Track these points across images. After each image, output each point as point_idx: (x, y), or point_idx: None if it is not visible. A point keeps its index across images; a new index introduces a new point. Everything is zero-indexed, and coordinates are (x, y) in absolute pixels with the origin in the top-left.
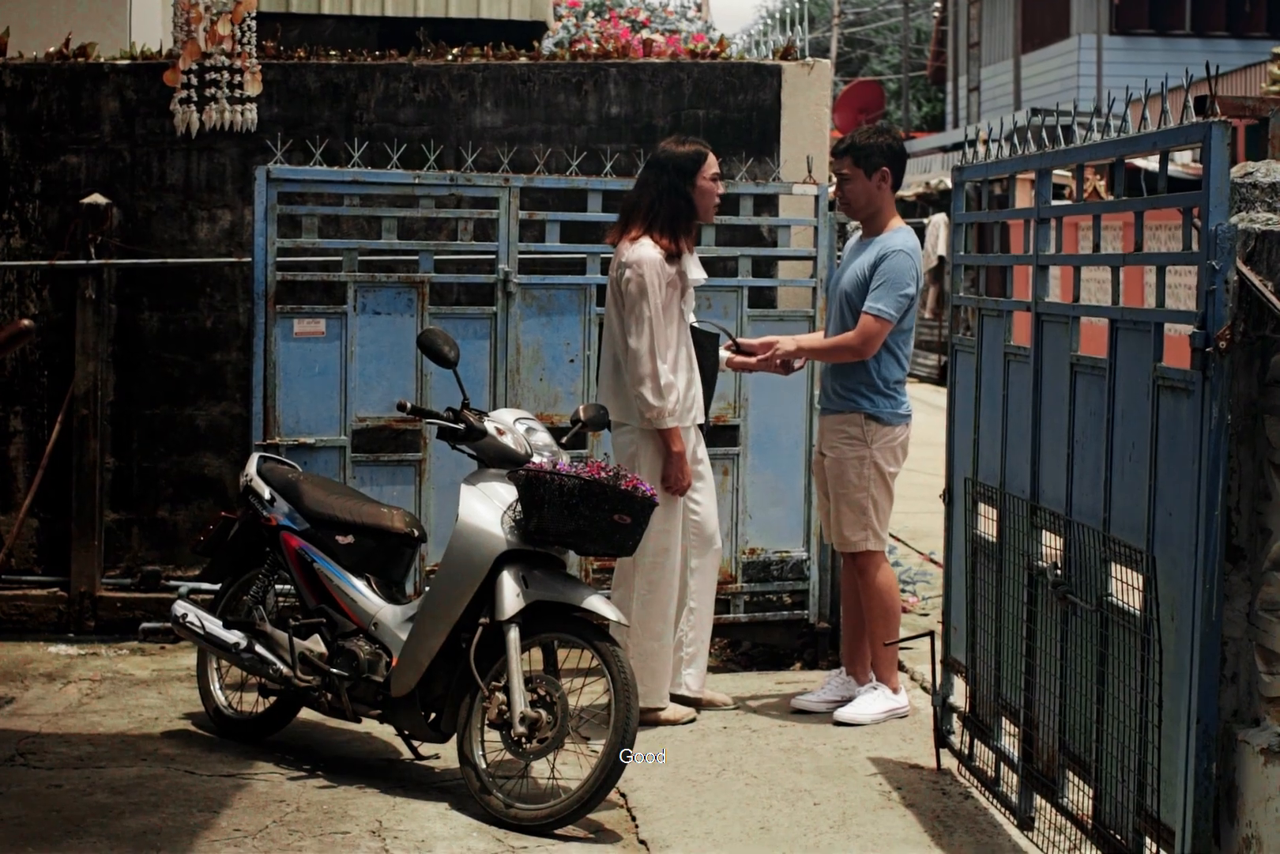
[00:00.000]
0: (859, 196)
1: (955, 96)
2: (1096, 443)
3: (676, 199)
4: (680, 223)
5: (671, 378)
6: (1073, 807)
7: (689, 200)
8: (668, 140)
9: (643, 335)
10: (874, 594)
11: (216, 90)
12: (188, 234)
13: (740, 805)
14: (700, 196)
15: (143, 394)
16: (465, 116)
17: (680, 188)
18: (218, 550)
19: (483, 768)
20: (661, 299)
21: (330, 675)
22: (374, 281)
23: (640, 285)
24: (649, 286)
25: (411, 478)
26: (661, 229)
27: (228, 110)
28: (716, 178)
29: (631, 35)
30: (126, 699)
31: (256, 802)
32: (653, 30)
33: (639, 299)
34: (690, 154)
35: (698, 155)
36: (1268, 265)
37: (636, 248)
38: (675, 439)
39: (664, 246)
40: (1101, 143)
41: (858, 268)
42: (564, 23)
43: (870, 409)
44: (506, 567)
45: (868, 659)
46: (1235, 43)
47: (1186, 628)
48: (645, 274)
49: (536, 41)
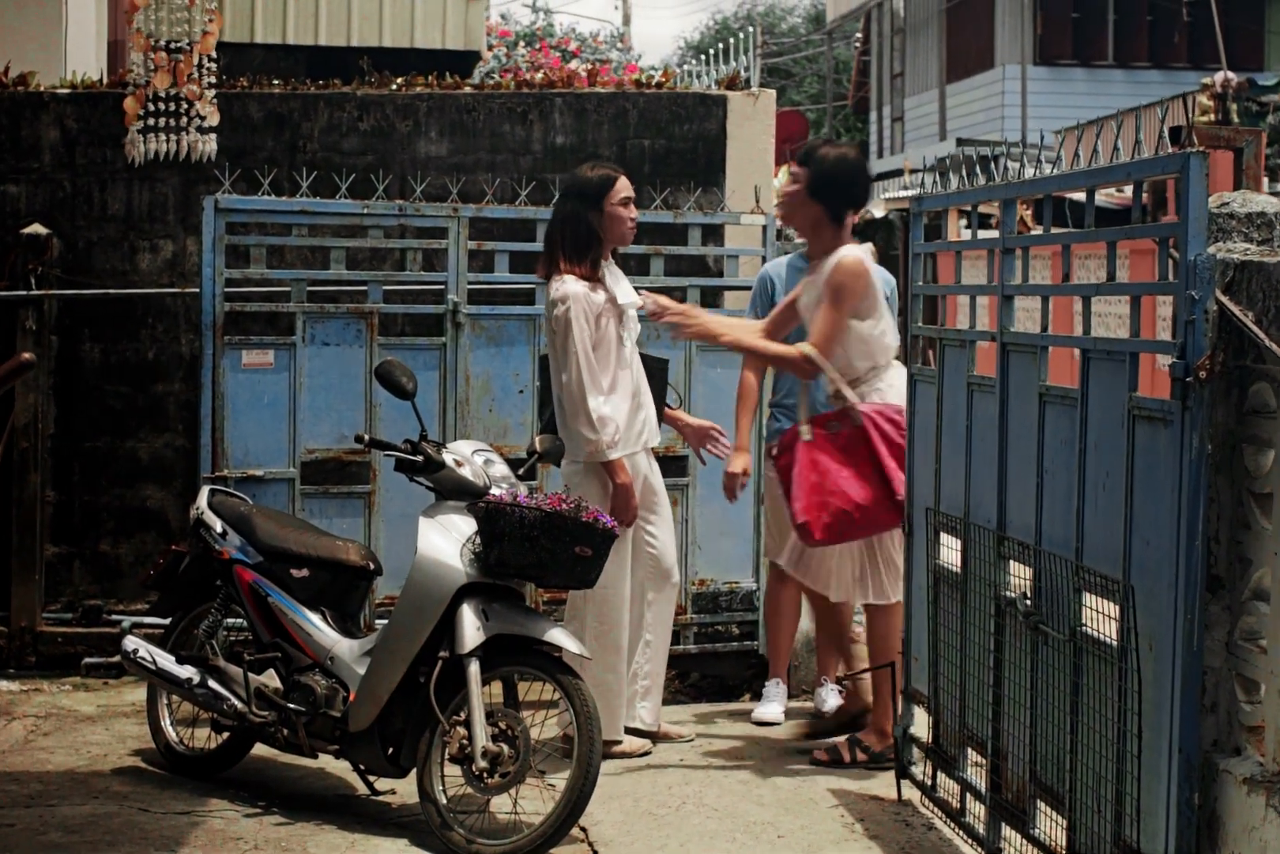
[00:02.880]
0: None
1: (880, 126)
2: (1067, 472)
3: (579, 226)
4: (585, 250)
5: (606, 411)
6: (1044, 837)
7: (589, 226)
8: (581, 167)
9: (571, 370)
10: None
11: (174, 120)
12: (129, 264)
13: (703, 839)
14: (610, 222)
15: (84, 426)
16: (410, 146)
17: (582, 214)
18: (168, 584)
19: (443, 803)
20: (591, 332)
21: (286, 711)
22: (323, 312)
23: (566, 321)
24: (573, 321)
25: (361, 510)
26: (571, 258)
27: (191, 140)
28: (627, 202)
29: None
30: (74, 736)
31: (213, 840)
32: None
33: (565, 335)
34: (595, 179)
35: (603, 180)
36: (1247, 295)
37: (561, 284)
38: (618, 471)
39: (581, 275)
40: (1073, 173)
41: None
42: (495, 53)
43: None
44: (466, 599)
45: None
46: (1158, 73)
47: (1166, 658)
48: (571, 309)
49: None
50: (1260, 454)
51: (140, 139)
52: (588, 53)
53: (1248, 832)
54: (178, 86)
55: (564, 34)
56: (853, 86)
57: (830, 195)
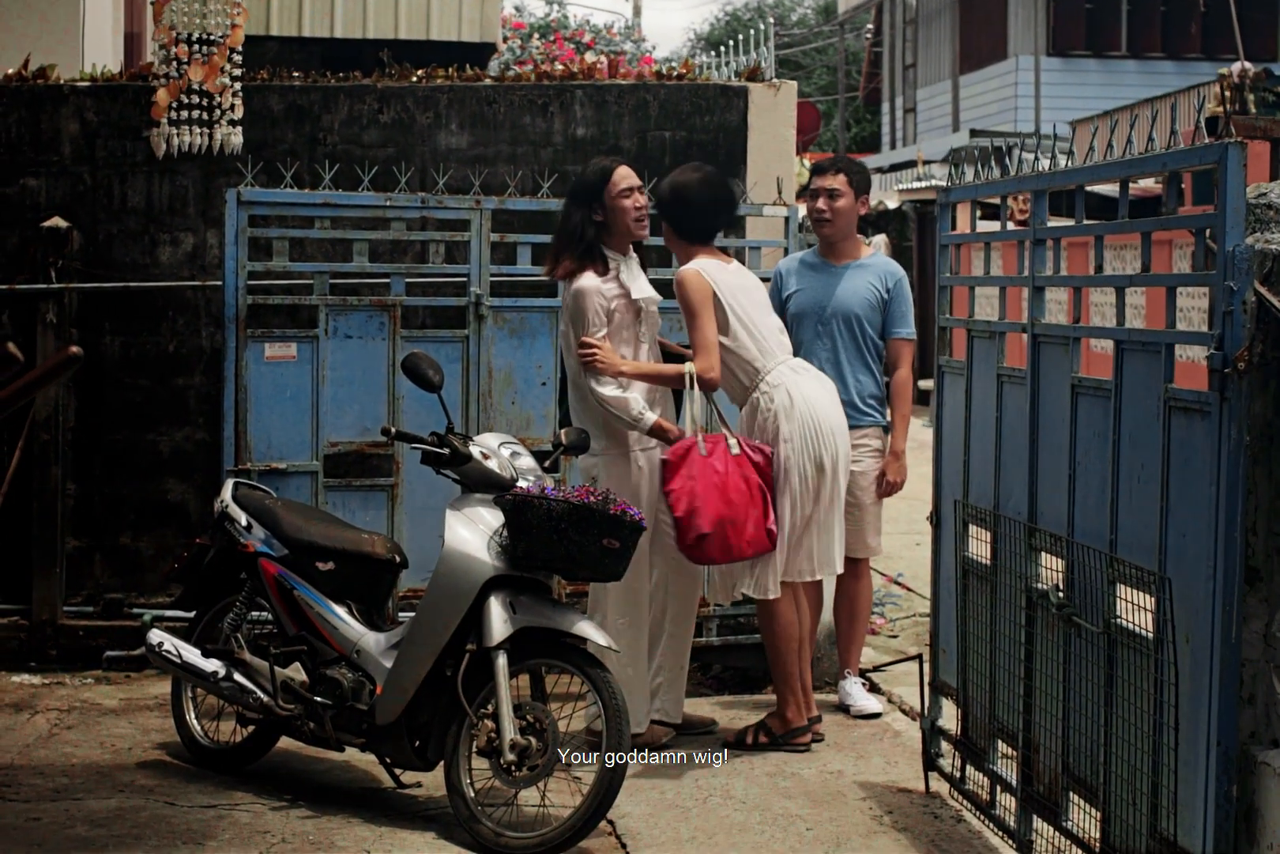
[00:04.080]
0: (850, 214)
1: (892, 117)
2: (1101, 464)
3: (580, 222)
4: (589, 245)
5: (618, 392)
6: (1076, 829)
7: (592, 221)
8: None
9: (586, 374)
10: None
11: (206, 114)
12: (149, 257)
13: (731, 832)
14: (615, 214)
15: (105, 419)
16: (430, 138)
17: (581, 212)
18: (192, 578)
19: (471, 796)
20: (602, 326)
21: (313, 704)
22: (345, 305)
23: (573, 316)
24: (582, 316)
25: (384, 502)
26: (583, 255)
27: (224, 133)
28: (629, 192)
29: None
30: (98, 729)
31: (241, 833)
32: (597, 52)
33: (574, 329)
34: (593, 173)
35: (602, 172)
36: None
37: (573, 282)
38: (665, 431)
39: (596, 272)
40: (1107, 164)
41: (862, 290)
42: (509, 44)
43: (884, 422)
44: (493, 592)
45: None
46: (1171, 64)
47: (1204, 650)
48: (581, 304)
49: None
50: None
51: (172, 132)
52: (601, 44)
53: None
54: (209, 79)
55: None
56: (863, 78)
57: (670, 217)
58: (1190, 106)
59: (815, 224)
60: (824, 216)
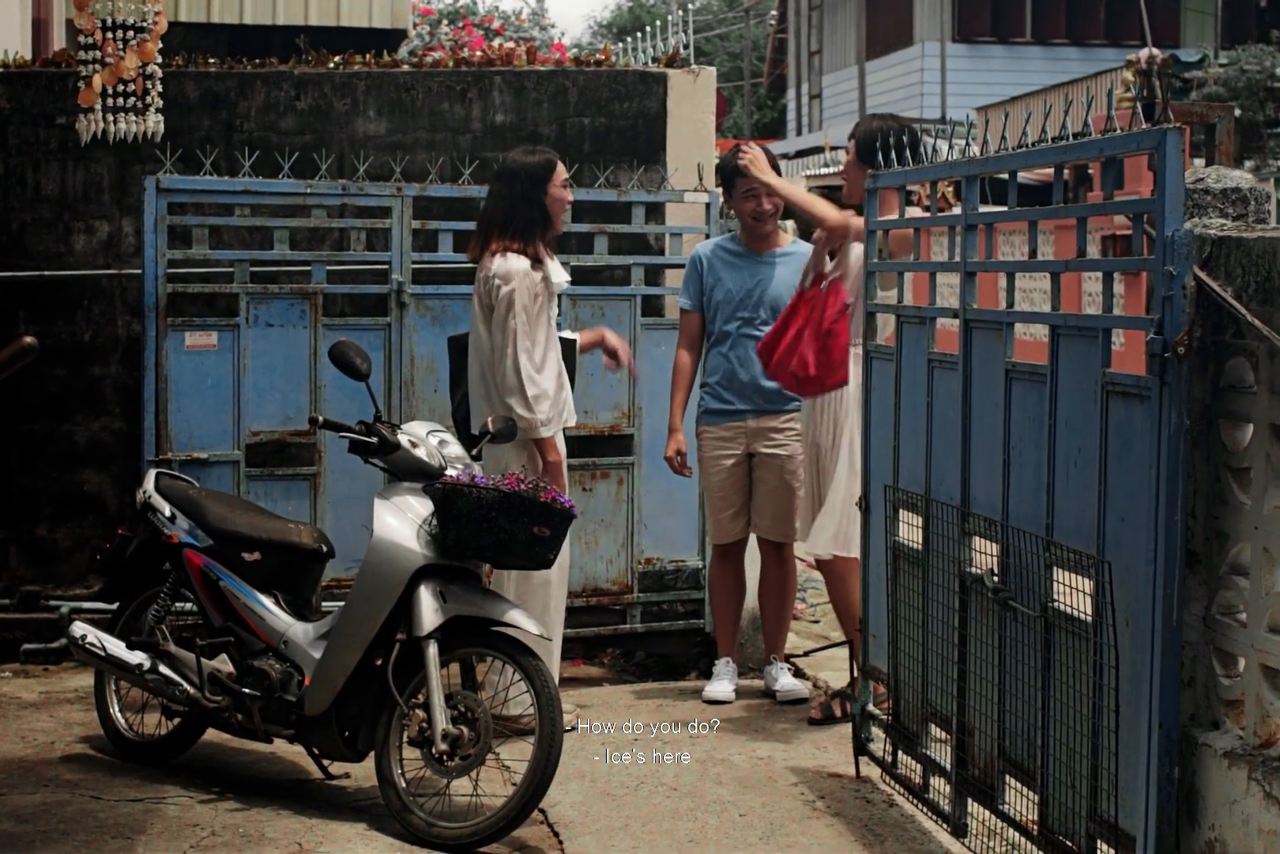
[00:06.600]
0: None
1: (798, 103)
2: (1036, 449)
3: (531, 208)
4: (536, 231)
5: (542, 388)
6: (1012, 812)
7: (543, 208)
8: (515, 151)
9: (510, 347)
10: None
11: (138, 101)
12: (64, 246)
13: (665, 818)
14: (553, 204)
15: (20, 410)
16: (348, 125)
17: (533, 196)
18: (114, 569)
19: (402, 787)
20: (531, 309)
21: (241, 695)
22: (266, 293)
23: (509, 299)
24: (517, 299)
25: (306, 492)
26: (521, 238)
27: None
28: (566, 185)
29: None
30: (18, 723)
31: (170, 827)
32: (506, 38)
33: (508, 312)
34: (541, 162)
35: (548, 163)
36: (1225, 271)
37: (503, 261)
38: (550, 449)
39: (528, 255)
40: (1043, 149)
41: (790, 279)
42: (419, 31)
43: (798, 406)
44: (423, 581)
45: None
46: (1076, 50)
47: (1144, 633)
48: (515, 287)
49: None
50: (1237, 429)
51: (102, 119)
52: (510, 31)
53: (1229, 805)
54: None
55: (487, 12)
56: (767, 64)
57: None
58: (1101, 92)
59: (755, 222)
60: (767, 213)
